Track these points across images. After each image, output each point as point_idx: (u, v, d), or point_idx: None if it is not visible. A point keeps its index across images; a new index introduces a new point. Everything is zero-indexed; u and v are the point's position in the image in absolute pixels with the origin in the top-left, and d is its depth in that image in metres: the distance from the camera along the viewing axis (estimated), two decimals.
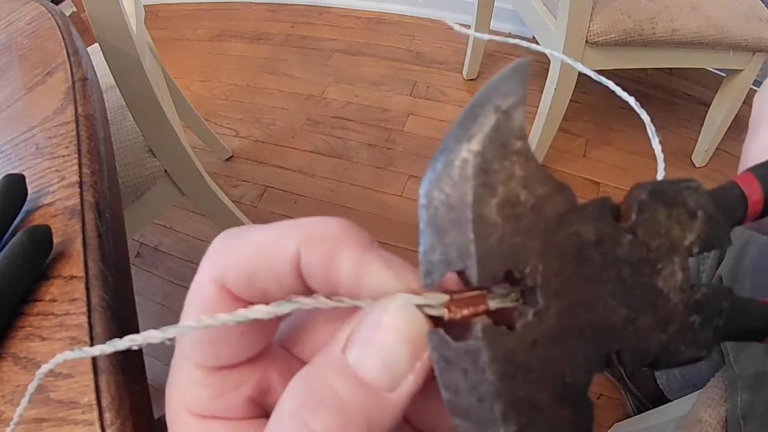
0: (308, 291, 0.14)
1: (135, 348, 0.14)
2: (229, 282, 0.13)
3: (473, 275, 0.13)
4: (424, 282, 0.13)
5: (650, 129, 0.18)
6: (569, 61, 0.19)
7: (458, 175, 0.13)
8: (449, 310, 0.13)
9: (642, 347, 0.14)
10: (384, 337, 0.12)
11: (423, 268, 0.13)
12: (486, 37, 0.20)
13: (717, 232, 0.15)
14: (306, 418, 0.12)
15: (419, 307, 0.13)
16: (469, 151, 0.13)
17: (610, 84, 0.19)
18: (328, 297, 0.13)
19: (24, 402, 0.20)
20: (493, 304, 0.13)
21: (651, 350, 0.14)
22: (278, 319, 0.15)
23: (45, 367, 0.16)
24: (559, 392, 0.13)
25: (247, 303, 0.14)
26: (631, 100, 0.18)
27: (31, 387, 0.18)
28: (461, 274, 0.13)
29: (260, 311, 0.13)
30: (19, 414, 0.20)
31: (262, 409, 0.15)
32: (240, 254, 0.13)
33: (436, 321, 0.13)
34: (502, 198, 0.13)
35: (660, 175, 0.17)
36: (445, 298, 0.13)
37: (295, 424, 0.12)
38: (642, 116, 0.18)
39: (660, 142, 0.18)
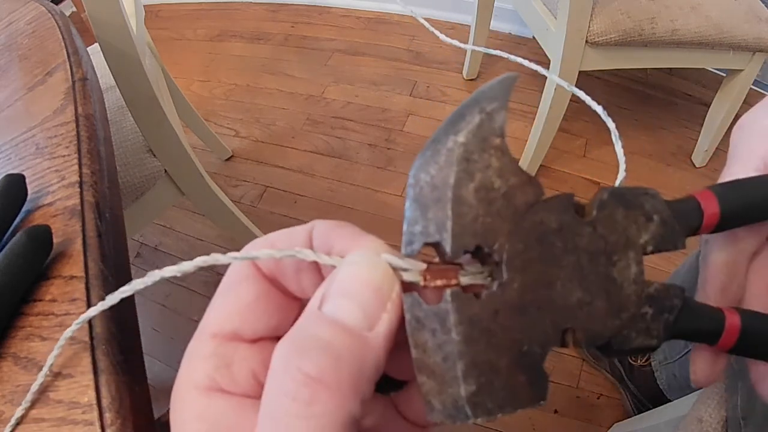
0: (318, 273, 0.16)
1: (155, 280, 0.15)
2: (259, 261, 0.15)
3: (447, 246, 0.14)
4: (404, 250, 0.15)
5: (614, 135, 0.20)
6: (563, 83, 0.20)
7: (444, 161, 0.15)
8: (425, 279, 0.14)
9: (595, 329, 0.15)
10: (353, 283, 0.14)
11: (405, 238, 0.15)
12: (474, 47, 0.20)
13: (671, 236, 0.16)
14: (298, 363, 0.12)
15: (399, 269, 0.14)
16: (455, 142, 0.15)
17: (589, 99, 0.20)
18: (328, 255, 0.15)
19: (43, 371, 0.20)
20: (465, 279, 0.15)
21: (604, 333, 0.15)
22: (289, 307, 0.16)
23: (68, 331, 0.18)
24: (517, 359, 0.14)
25: (272, 279, 0.16)
26: (599, 109, 0.20)
27: (51, 357, 0.19)
28: (437, 246, 0.15)
29: (265, 252, 0.15)
30: (35, 389, 0.20)
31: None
32: (270, 238, 0.16)
33: (413, 287, 0.15)
34: (479, 183, 0.15)
35: (621, 176, 0.19)
36: (423, 266, 0.14)
37: (288, 373, 0.12)
38: (609, 125, 0.20)
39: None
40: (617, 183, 0.18)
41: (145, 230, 1.28)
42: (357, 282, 0.14)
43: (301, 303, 0.16)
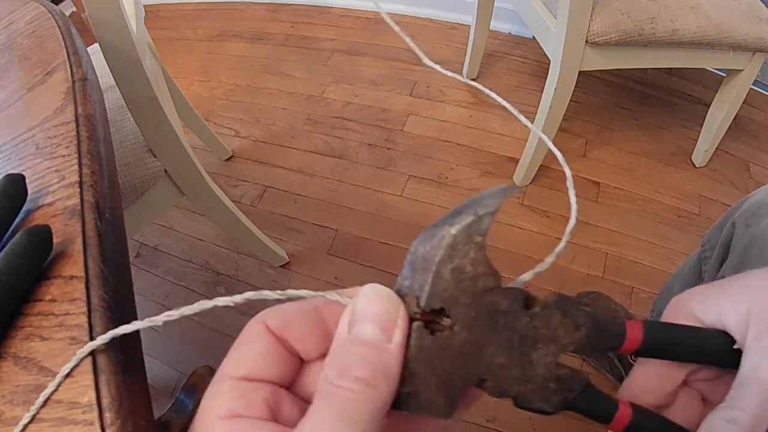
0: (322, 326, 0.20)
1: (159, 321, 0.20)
2: (269, 322, 0.20)
3: (422, 302, 0.20)
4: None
5: (569, 181, 0.24)
6: (544, 137, 0.20)
7: (436, 243, 0.20)
8: (420, 314, 0.20)
9: (503, 387, 0.21)
10: (370, 309, 0.19)
11: (396, 287, 0.20)
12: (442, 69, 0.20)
13: (588, 346, 0.22)
14: (348, 371, 0.18)
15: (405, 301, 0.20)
16: (448, 231, 0.20)
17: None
18: (335, 292, 0.20)
19: (63, 372, 0.20)
20: (444, 322, 0.20)
21: (509, 392, 0.21)
22: (291, 362, 0.20)
23: (67, 367, 0.21)
24: (442, 384, 0.20)
25: (280, 337, 0.20)
26: (559, 155, 0.24)
27: (76, 358, 0.23)
28: (417, 298, 0.20)
29: (271, 294, 0.20)
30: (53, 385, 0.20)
31: (274, 417, 0.19)
32: (280, 309, 0.20)
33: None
34: (455, 266, 0.20)
35: (571, 225, 0.22)
36: (417, 311, 0.20)
37: (343, 377, 0.18)
38: (566, 171, 0.23)
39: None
40: (567, 230, 0.22)
41: (145, 230, 1.28)
42: (373, 308, 0.19)
43: (300, 360, 0.20)
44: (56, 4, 0.65)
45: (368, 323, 0.19)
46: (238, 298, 0.20)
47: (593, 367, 0.98)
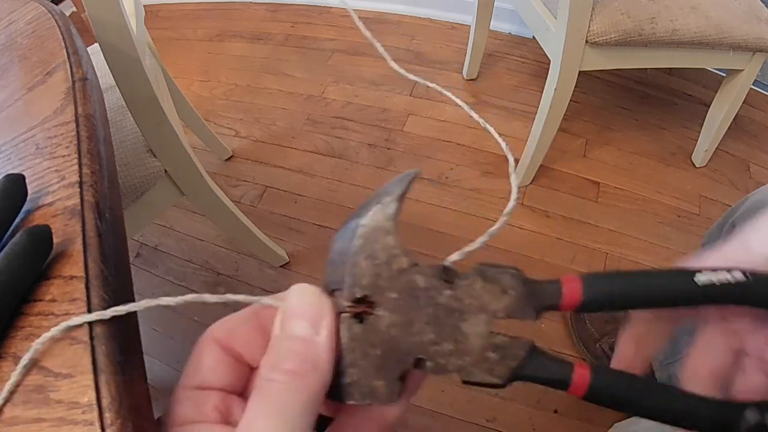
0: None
1: (148, 305, 0.22)
2: (216, 334, 0.22)
3: (345, 293, 0.21)
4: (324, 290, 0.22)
5: (511, 166, 0.24)
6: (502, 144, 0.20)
7: (349, 236, 0.21)
8: (350, 307, 0.21)
9: (440, 363, 0.21)
10: (299, 306, 0.20)
11: (323, 283, 0.22)
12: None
13: (521, 308, 0.21)
14: (279, 364, 0.19)
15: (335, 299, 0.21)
16: (357, 224, 0.21)
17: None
18: (269, 296, 0.22)
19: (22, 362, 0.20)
20: (378, 311, 0.21)
21: (447, 367, 0.21)
22: (239, 369, 0.22)
23: (87, 317, 0.25)
24: (379, 369, 0.20)
25: (228, 347, 0.22)
26: (501, 142, 0.25)
27: (55, 331, 0.24)
28: (342, 291, 0.21)
29: (212, 297, 0.22)
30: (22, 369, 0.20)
31: (225, 420, 0.21)
32: (226, 321, 0.23)
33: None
34: (369, 253, 0.21)
35: (511, 206, 0.23)
36: (346, 304, 0.21)
37: (275, 370, 0.19)
38: (508, 157, 0.23)
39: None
40: (506, 211, 0.23)
41: (145, 230, 1.28)
42: (301, 306, 0.20)
43: (249, 367, 0.22)
44: (56, 4, 0.65)
45: (298, 320, 0.20)
46: (180, 300, 0.22)
47: (584, 359, 0.98)
